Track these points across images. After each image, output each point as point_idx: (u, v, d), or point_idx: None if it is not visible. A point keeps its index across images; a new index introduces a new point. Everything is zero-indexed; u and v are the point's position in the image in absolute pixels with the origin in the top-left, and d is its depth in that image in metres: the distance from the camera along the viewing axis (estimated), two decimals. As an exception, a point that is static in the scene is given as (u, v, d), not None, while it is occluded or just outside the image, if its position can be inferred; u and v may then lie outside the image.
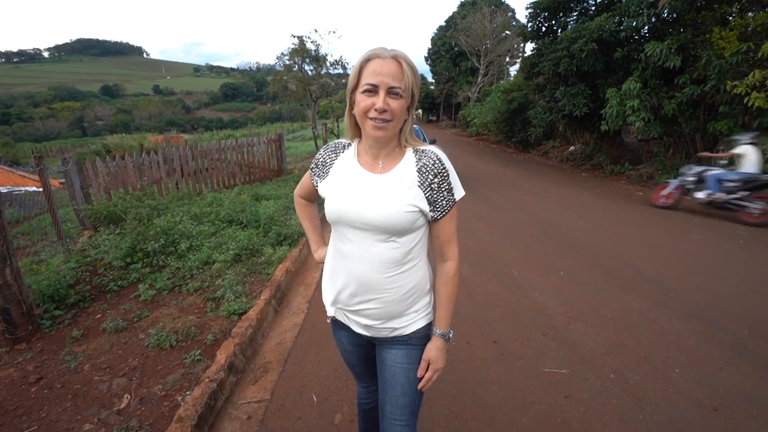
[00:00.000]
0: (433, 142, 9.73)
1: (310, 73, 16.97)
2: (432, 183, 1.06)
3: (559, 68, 9.53)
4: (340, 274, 1.16)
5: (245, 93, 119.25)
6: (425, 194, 1.06)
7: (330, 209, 1.11)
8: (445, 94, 33.93)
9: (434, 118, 41.84)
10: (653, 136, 9.18)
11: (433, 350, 1.14)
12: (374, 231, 1.06)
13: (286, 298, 3.39)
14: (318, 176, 1.21)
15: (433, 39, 34.45)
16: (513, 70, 28.19)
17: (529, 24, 11.25)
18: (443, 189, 1.06)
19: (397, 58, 0.98)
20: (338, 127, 16.62)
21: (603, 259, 4.26)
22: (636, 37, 8.72)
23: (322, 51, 16.31)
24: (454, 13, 31.54)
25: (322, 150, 1.22)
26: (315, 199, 1.39)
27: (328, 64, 17.03)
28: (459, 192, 1.09)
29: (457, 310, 3.07)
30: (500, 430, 1.92)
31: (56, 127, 65.38)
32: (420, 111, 46.74)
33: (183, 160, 6.84)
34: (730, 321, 2.94)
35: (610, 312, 3.07)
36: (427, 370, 1.14)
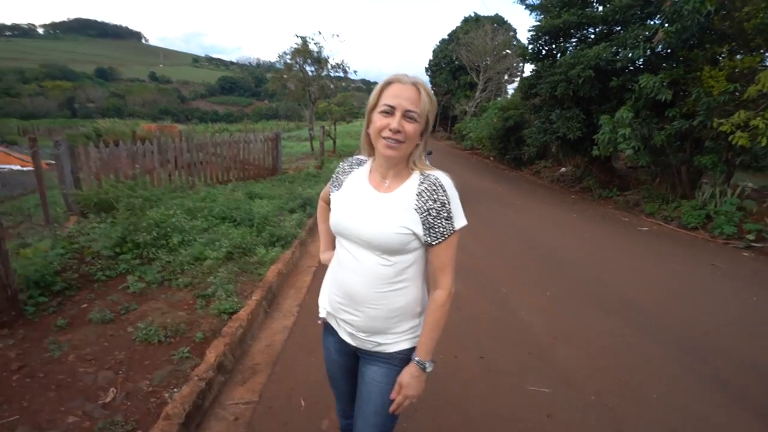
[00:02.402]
0: (429, 154, 9.86)
1: (310, 73, 17.02)
2: (431, 208, 1.06)
3: (556, 91, 9.77)
4: (335, 281, 1.22)
5: (243, 88, 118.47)
6: (421, 218, 1.07)
7: (332, 220, 1.19)
8: (443, 106, 34.32)
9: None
10: (641, 165, 9.45)
11: (406, 375, 1.13)
12: (367, 247, 1.10)
13: (276, 300, 3.39)
14: (334, 186, 1.27)
15: (434, 51, 34.87)
16: (511, 88, 28.71)
17: (530, 46, 11.51)
18: (441, 216, 1.06)
19: (417, 85, 1.04)
20: (335, 130, 16.63)
21: (588, 282, 4.37)
22: (631, 68, 9.01)
23: (325, 53, 16.38)
24: (457, 27, 32.02)
25: (342, 162, 1.28)
26: None
27: (330, 67, 17.12)
28: (460, 221, 1.09)
29: (445, 324, 3.11)
30: (484, 445, 1.97)
31: (45, 105, 63.76)
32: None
33: (178, 151, 6.78)
34: (706, 350, 3.05)
35: (593, 335, 3.16)
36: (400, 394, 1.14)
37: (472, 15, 31.83)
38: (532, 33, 11.17)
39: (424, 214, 1.07)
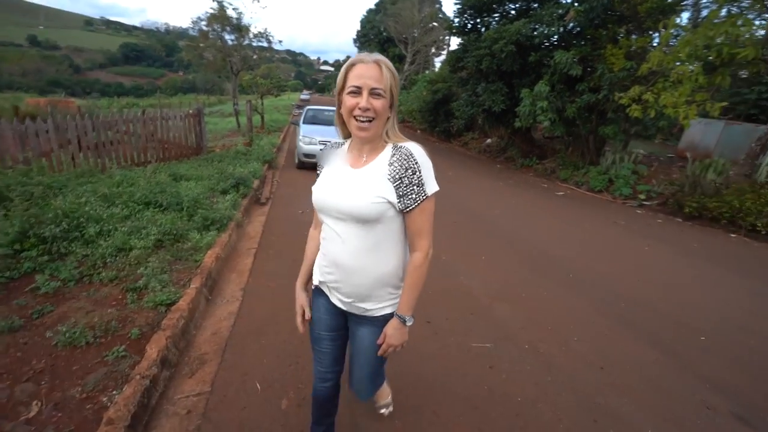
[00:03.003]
0: None
1: (230, 42, 15.68)
2: (402, 176, 1.13)
3: (481, 65, 10.19)
4: (324, 253, 1.32)
5: (152, 57, 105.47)
6: (394, 186, 1.14)
7: (313, 198, 1.27)
8: (373, 79, 33.96)
9: (361, 102, 41.65)
10: (557, 135, 10.37)
11: (390, 328, 1.27)
12: (348, 219, 1.18)
13: (218, 285, 3.23)
14: (319, 173, 1.34)
15: (362, 21, 34.04)
16: (438, 61, 29.23)
17: (456, 19, 11.75)
18: (413, 183, 1.13)
19: (378, 63, 1.11)
20: (262, 104, 15.69)
21: (517, 244, 4.79)
22: (547, 44, 9.67)
23: (245, 20, 15.17)
24: (383, -3, 31.43)
25: (319, 154, 1.36)
26: None
27: (251, 36, 15.92)
28: (431, 186, 1.16)
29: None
30: (438, 399, 2.13)
31: None
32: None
33: (81, 130, 5.92)
34: (613, 296, 3.57)
35: (524, 292, 3.51)
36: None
37: (399, -15, 31.37)
38: (458, 6, 11.39)
39: (397, 183, 1.14)
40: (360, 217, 1.15)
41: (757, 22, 6.46)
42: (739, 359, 2.75)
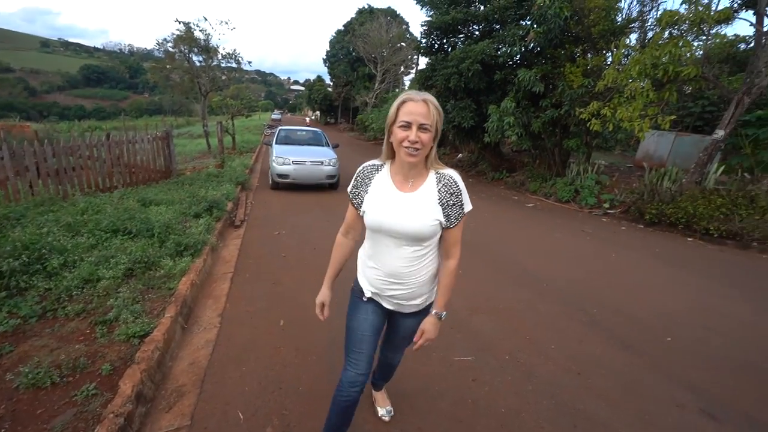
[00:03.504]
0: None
1: (198, 64, 15.54)
2: (449, 200, 1.37)
3: (450, 83, 10.53)
4: (377, 267, 1.50)
5: (115, 79, 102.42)
6: (443, 209, 1.37)
7: (370, 221, 1.43)
8: (343, 98, 34.38)
9: (332, 121, 42.03)
10: (524, 149, 10.77)
11: (428, 324, 1.49)
12: (405, 238, 1.39)
13: (193, 313, 3.13)
14: (360, 192, 1.47)
15: (331, 42, 34.59)
16: (407, 79, 30.00)
17: (424, 40, 12.15)
18: (456, 204, 1.38)
19: (426, 101, 1.27)
20: (233, 125, 15.51)
21: (492, 256, 4.91)
22: (510, 63, 10.14)
23: (213, 42, 15.11)
24: (352, 18, 32.19)
25: (358, 172, 1.50)
26: (359, 228, 1.60)
27: (220, 57, 15.86)
28: (467, 206, 1.41)
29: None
30: (423, 415, 2.14)
31: None
32: (318, 113, 46.48)
33: (39, 156, 5.67)
34: (585, 302, 3.71)
35: (501, 303, 3.59)
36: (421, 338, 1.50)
37: (366, 7, 32.27)
38: (424, 28, 11.79)
39: (444, 205, 1.37)
40: (418, 236, 1.37)
41: (695, 44, 7.07)
42: (703, 357, 2.92)
